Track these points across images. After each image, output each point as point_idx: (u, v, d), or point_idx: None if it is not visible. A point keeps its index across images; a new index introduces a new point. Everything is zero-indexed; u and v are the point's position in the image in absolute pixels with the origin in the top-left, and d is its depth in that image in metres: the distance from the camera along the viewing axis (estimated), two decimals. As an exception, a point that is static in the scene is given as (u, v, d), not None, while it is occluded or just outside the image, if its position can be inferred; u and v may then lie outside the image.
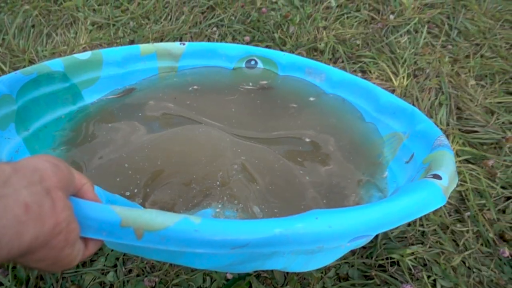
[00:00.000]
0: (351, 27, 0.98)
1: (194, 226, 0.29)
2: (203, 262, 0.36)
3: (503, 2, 1.03)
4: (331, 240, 0.32)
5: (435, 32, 0.96)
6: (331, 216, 0.33)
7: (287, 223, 0.31)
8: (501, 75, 0.86)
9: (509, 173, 0.69)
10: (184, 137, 0.60)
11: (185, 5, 1.06)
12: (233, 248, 0.29)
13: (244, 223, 0.31)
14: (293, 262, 0.39)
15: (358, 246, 0.45)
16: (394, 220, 0.35)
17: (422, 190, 0.38)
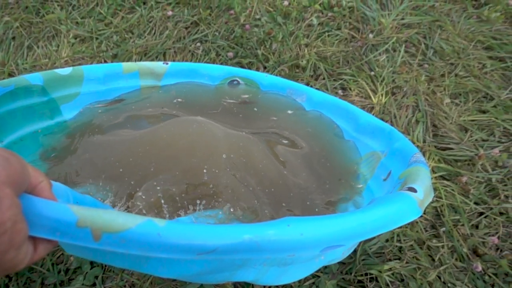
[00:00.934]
0: (332, 45, 1.01)
1: (158, 229, 0.27)
2: (169, 270, 0.35)
3: (475, 23, 1.07)
4: (303, 249, 0.31)
5: (412, 51, 1.00)
6: (304, 224, 0.32)
7: (257, 229, 0.30)
8: (474, 94, 0.90)
9: (481, 189, 0.71)
10: (174, 130, 0.59)
11: (169, 20, 1.07)
12: (199, 254, 0.28)
13: (212, 227, 0.30)
14: (265, 274, 0.38)
15: (332, 261, 0.45)
16: (367, 230, 0.34)
17: (397, 202, 0.37)
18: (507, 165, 0.75)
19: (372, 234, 0.34)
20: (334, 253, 0.43)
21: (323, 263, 0.44)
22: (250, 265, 0.36)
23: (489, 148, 0.79)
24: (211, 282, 0.43)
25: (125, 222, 0.27)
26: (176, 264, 0.34)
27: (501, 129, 0.82)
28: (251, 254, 0.30)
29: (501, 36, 1.03)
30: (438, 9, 1.12)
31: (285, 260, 0.37)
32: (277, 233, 0.30)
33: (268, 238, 0.30)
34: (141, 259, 0.34)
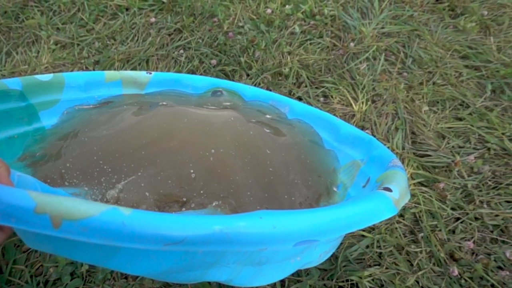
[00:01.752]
0: (314, 53, 1.02)
1: (123, 217, 0.26)
2: (137, 266, 0.34)
3: (452, 33, 1.11)
4: (275, 242, 0.30)
5: (391, 60, 1.02)
6: (277, 216, 0.31)
7: (228, 220, 0.29)
8: (451, 102, 0.92)
9: (458, 195, 0.74)
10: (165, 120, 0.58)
11: (152, 27, 1.06)
12: (166, 245, 0.27)
13: (181, 217, 0.28)
14: (239, 274, 0.38)
15: (309, 264, 0.44)
16: (342, 226, 0.33)
17: (372, 199, 0.37)
18: (482, 171, 0.78)
19: (347, 230, 0.34)
20: (310, 255, 0.43)
21: (299, 265, 0.43)
22: (222, 263, 0.35)
23: (465, 154, 0.81)
24: (182, 281, 0.41)
25: (87, 210, 0.26)
26: (144, 260, 0.33)
27: (476, 136, 0.85)
28: (222, 246, 0.28)
29: (476, 46, 1.07)
30: (417, 19, 1.15)
31: (260, 259, 0.37)
32: (249, 225, 0.29)
33: (239, 230, 0.29)
34: (107, 253, 0.32)
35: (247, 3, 1.17)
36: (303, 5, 1.15)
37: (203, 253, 0.34)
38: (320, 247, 0.46)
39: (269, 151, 0.59)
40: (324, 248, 0.46)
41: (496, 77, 0.99)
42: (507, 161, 0.80)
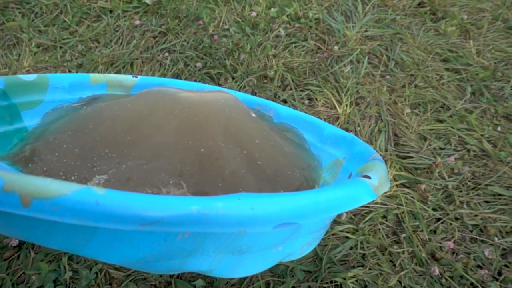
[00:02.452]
0: (299, 56, 1.03)
1: (96, 196, 0.26)
2: (113, 254, 0.33)
3: (433, 36, 1.13)
4: (254, 224, 0.30)
5: (375, 63, 1.04)
6: (255, 198, 0.31)
7: (206, 201, 0.29)
8: (432, 104, 0.94)
9: (439, 196, 0.75)
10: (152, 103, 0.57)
11: (136, 30, 1.06)
12: (142, 225, 0.26)
13: (157, 197, 0.28)
14: (219, 263, 0.37)
15: (291, 255, 0.43)
16: (321, 209, 0.33)
17: (351, 185, 0.37)
18: (462, 172, 0.80)
19: (325, 213, 0.34)
20: (292, 245, 0.43)
21: (281, 256, 0.43)
22: (202, 251, 0.35)
23: (446, 156, 0.83)
24: (161, 271, 0.40)
25: (59, 188, 0.25)
26: (121, 247, 0.32)
27: (457, 138, 0.87)
28: (199, 227, 0.28)
29: (457, 49, 1.10)
30: (399, 22, 1.17)
31: (240, 247, 0.36)
32: (227, 206, 0.29)
33: (216, 211, 0.28)
34: (81, 239, 0.31)
35: (232, 6, 1.17)
36: (288, 8, 1.16)
37: (182, 239, 0.34)
38: (302, 238, 0.46)
39: (258, 141, 0.58)
40: (306, 239, 0.46)
41: (476, 79, 1.02)
42: (486, 162, 0.82)
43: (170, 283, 0.60)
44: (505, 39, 1.16)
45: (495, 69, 1.04)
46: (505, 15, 1.25)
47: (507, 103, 0.96)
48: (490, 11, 1.26)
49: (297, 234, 0.44)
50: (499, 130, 0.89)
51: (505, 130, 0.89)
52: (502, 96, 0.98)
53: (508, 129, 0.90)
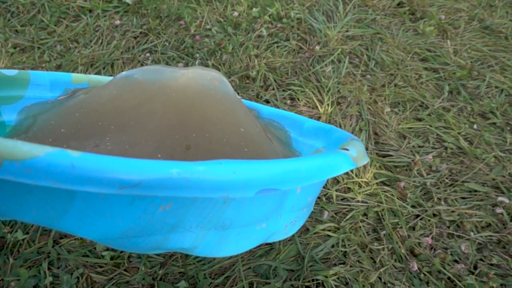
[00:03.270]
0: (281, 56, 1.04)
1: (71, 158, 0.25)
2: (91, 227, 0.32)
3: (412, 36, 1.15)
4: (236, 188, 0.30)
5: (355, 62, 1.05)
6: (237, 163, 0.30)
7: (186, 165, 0.28)
8: (411, 103, 0.97)
9: (417, 193, 0.77)
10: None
11: (116, 30, 1.04)
12: (121, 188, 0.26)
13: (136, 160, 0.27)
14: (203, 239, 0.37)
15: (275, 234, 0.45)
16: (302, 176, 0.33)
17: (331, 155, 0.38)
18: (440, 169, 0.82)
19: (307, 180, 0.34)
20: (276, 223, 0.43)
21: (265, 234, 0.43)
22: (185, 226, 0.34)
23: (424, 154, 0.85)
24: (142, 248, 0.38)
25: (30, 150, 0.24)
26: (99, 220, 0.31)
27: (435, 136, 0.89)
28: (180, 191, 0.28)
29: (435, 49, 1.12)
30: (379, 22, 1.19)
31: (223, 221, 0.36)
32: (208, 169, 0.29)
33: (198, 174, 0.28)
34: (56, 211, 0.30)
35: (214, 6, 1.17)
36: (270, 8, 1.16)
37: (163, 212, 0.33)
38: (285, 216, 0.46)
39: (243, 129, 0.58)
40: (289, 217, 0.47)
41: (453, 78, 1.04)
42: (462, 159, 0.84)
43: (153, 286, 0.60)
44: (481, 38, 1.19)
45: (472, 68, 1.07)
46: (481, 15, 1.28)
47: (482, 101, 0.99)
48: (467, 11, 1.29)
49: (280, 210, 0.44)
50: (475, 128, 0.92)
51: (480, 128, 0.92)
52: (478, 95, 1.01)
53: (483, 127, 0.92)
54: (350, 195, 0.75)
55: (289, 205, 0.45)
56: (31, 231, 0.65)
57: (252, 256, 0.65)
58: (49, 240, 0.64)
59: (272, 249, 0.66)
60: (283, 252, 0.66)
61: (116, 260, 0.63)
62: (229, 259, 0.64)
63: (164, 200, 0.33)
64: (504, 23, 1.25)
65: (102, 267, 0.62)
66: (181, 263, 0.63)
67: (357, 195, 0.75)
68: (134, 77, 0.60)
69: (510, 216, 0.75)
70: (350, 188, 0.77)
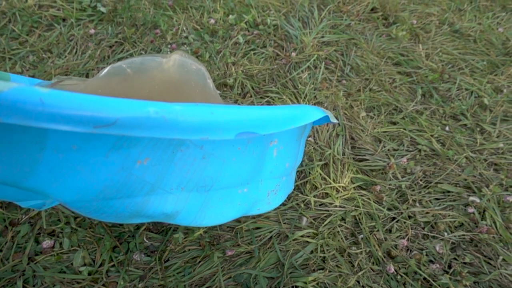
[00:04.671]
0: (258, 63, 1.05)
1: (40, 94, 0.23)
2: (64, 184, 0.30)
3: (386, 41, 1.18)
4: (215, 129, 0.29)
5: (331, 68, 1.07)
6: (214, 106, 0.30)
7: (163, 104, 0.28)
8: (386, 107, 0.99)
9: (393, 196, 0.79)
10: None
11: (91, 39, 1.03)
12: (96, 127, 0.25)
13: (112, 98, 0.26)
14: (185, 203, 0.36)
15: (258, 205, 0.45)
16: (278, 121, 0.34)
17: (304, 105, 0.40)
18: (414, 172, 0.84)
19: (282, 125, 0.35)
20: (257, 190, 0.43)
21: (247, 200, 0.43)
22: (165, 187, 0.33)
23: (399, 157, 0.87)
24: (123, 215, 0.35)
25: None
26: (73, 174, 0.29)
27: (409, 138, 0.92)
28: (159, 131, 0.27)
29: (408, 53, 1.15)
30: (354, 28, 1.21)
31: (204, 181, 0.36)
32: (185, 109, 0.28)
33: (175, 114, 0.27)
34: (25, 165, 0.28)
35: (191, 13, 1.17)
36: (246, 15, 1.17)
37: (141, 167, 0.32)
38: (266, 182, 0.47)
39: None
40: (270, 184, 0.47)
41: (425, 82, 1.07)
42: (435, 161, 0.87)
43: (132, 300, 0.60)
44: (451, 42, 1.23)
45: (443, 71, 1.11)
46: (451, 19, 1.32)
47: (454, 103, 1.02)
48: (437, 15, 1.33)
49: (260, 174, 0.44)
50: (447, 129, 0.95)
51: (452, 130, 0.95)
52: (449, 97, 1.04)
53: (455, 129, 0.95)
54: (328, 200, 0.77)
55: (268, 170, 0.46)
56: (5, 248, 0.63)
57: (232, 265, 0.66)
58: (23, 257, 0.63)
59: (252, 258, 0.67)
60: (263, 260, 0.66)
61: (94, 276, 0.62)
62: (209, 269, 0.65)
63: (141, 153, 0.32)
64: (472, 26, 1.30)
65: (79, 283, 0.61)
66: (160, 275, 0.63)
67: (335, 200, 0.77)
68: (123, 67, 0.59)
69: (481, 215, 0.78)
70: (328, 194, 0.78)
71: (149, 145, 0.31)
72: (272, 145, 0.44)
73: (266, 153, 0.44)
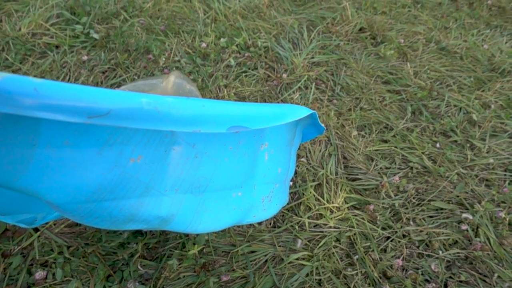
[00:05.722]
0: (250, 85, 1.06)
1: (34, 84, 0.24)
2: (55, 185, 0.29)
3: (375, 60, 1.21)
4: (206, 122, 0.30)
5: (322, 88, 1.09)
6: (206, 100, 0.31)
7: (155, 96, 0.28)
8: (377, 125, 1.00)
9: (386, 215, 0.80)
10: None
11: (84, 65, 1.04)
12: (90, 117, 0.25)
13: (106, 90, 0.26)
14: (180, 206, 0.35)
15: (252, 210, 0.46)
16: (267, 117, 0.36)
17: (292, 105, 0.42)
18: (407, 190, 0.85)
19: (271, 121, 0.36)
20: (250, 194, 0.44)
21: (243, 204, 0.43)
22: (159, 188, 0.33)
23: (392, 175, 0.88)
24: (116, 219, 0.34)
25: None
26: (66, 172, 0.29)
27: (400, 156, 0.93)
28: (151, 122, 0.27)
29: (396, 71, 1.18)
30: (343, 48, 1.24)
31: (198, 181, 0.36)
32: (177, 101, 0.29)
33: (168, 105, 0.28)
34: (17, 163, 0.28)
35: (183, 37, 1.19)
36: (237, 38, 1.19)
37: (134, 165, 0.32)
38: (259, 187, 0.47)
39: None
40: (263, 190, 0.48)
41: (415, 99, 1.09)
42: (427, 179, 0.88)
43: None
44: (438, 59, 1.26)
45: (431, 88, 1.13)
46: (437, 37, 1.36)
47: (443, 120, 1.04)
48: (424, 34, 1.37)
49: (253, 178, 0.45)
50: (437, 146, 0.96)
51: (443, 146, 0.96)
52: (439, 114, 1.06)
53: (445, 145, 0.97)
54: (322, 221, 0.77)
55: (261, 174, 0.47)
56: (-3, 282, 0.63)
57: (228, 291, 0.65)
58: (16, 290, 0.62)
59: (248, 282, 0.66)
60: (259, 285, 0.66)
61: (87, 307, 0.61)
62: (205, 296, 0.64)
63: (134, 151, 0.32)
64: (458, 43, 1.33)
65: (73, 315, 0.60)
66: (155, 304, 0.62)
67: (329, 221, 0.77)
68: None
69: (474, 232, 0.78)
70: (322, 214, 0.78)
71: (142, 142, 0.32)
72: (263, 148, 0.46)
73: (258, 155, 0.46)
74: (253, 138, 0.45)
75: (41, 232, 0.69)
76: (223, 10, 1.30)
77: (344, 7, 1.41)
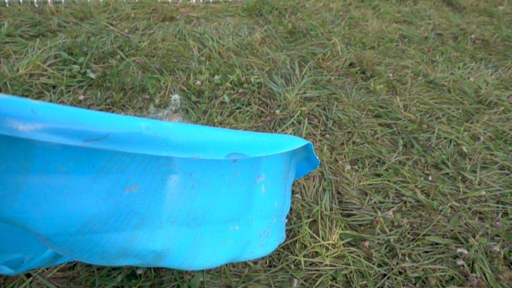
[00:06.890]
0: (244, 121, 1.08)
1: (32, 105, 0.23)
2: (45, 214, 0.28)
3: (365, 94, 1.24)
4: (205, 148, 0.30)
5: (314, 123, 1.11)
6: (205, 127, 0.32)
7: (154, 121, 0.29)
8: (369, 159, 1.02)
9: (382, 251, 0.79)
10: None
11: (80, 105, 1.06)
12: (86, 140, 0.25)
13: (104, 113, 0.26)
14: (176, 240, 0.34)
15: (250, 245, 0.46)
16: (264, 145, 0.37)
17: (287, 136, 0.44)
18: (401, 224, 0.85)
19: (270, 149, 0.38)
20: (248, 229, 0.43)
21: (240, 239, 0.43)
22: (154, 221, 0.32)
23: (386, 209, 0.89)
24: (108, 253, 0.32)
25: None
26: (56, 202, 0.28)
27: (394, 190, 0.94)
28: (150, 147, 0.27)
29: (386, 105, 1.21)
30: (334, 83, 1.27)
31: (195, 213, 0.35)
32: (176, 126, 0.29)
33: (167, 131, 0.28)
34: (6, 191, 0.27)
35: (178, 75, 1.22)
36: (231, 75, 1.22)
37: (130, 194, 0.32)
38: (257, 221, 0.47)
39: None
40: (261, 224, 0.47)
41: (405, 132, 1.12)
42: (421, 213, 0.88)
43: None
44: (427, 92, 1.30)
45: (421, 121, 1.15)
46: (425, 71, 1.40)
47: (434, 152, 1.06)
48: (412, 67, 1.41)
49: (250, 211, 0.45)
50: (430, 179, 0.98)
51: (435, 179, 0.98)
52: (429, 146, 1.08)
53: (437, 178, 0.98)
54: (318, 259, 0.77)
55: (258, 207, 0.47)
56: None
57: (224, 336, 0.64)
58: None
59: (244, 326, 0.65)
60: (255, 329, 0.65)
61: None
62: None
63: (130, 179, 0.31)
64: (446, 76, 1.38)
65: None
66: None
67: (325, 259, 0.77)
68: None
69: (470, 267, 0.78)
70: (318, 252, 0.78)
71: (138, 170, 0.31)
72: (259, 180, 0.46)
73: (255, 187, 0.46)
74: (250, 169, 0.45)
75: (33, 278, 0.68)
76: (217, 48, 1.34)
77: (334, 42, 1.46)
